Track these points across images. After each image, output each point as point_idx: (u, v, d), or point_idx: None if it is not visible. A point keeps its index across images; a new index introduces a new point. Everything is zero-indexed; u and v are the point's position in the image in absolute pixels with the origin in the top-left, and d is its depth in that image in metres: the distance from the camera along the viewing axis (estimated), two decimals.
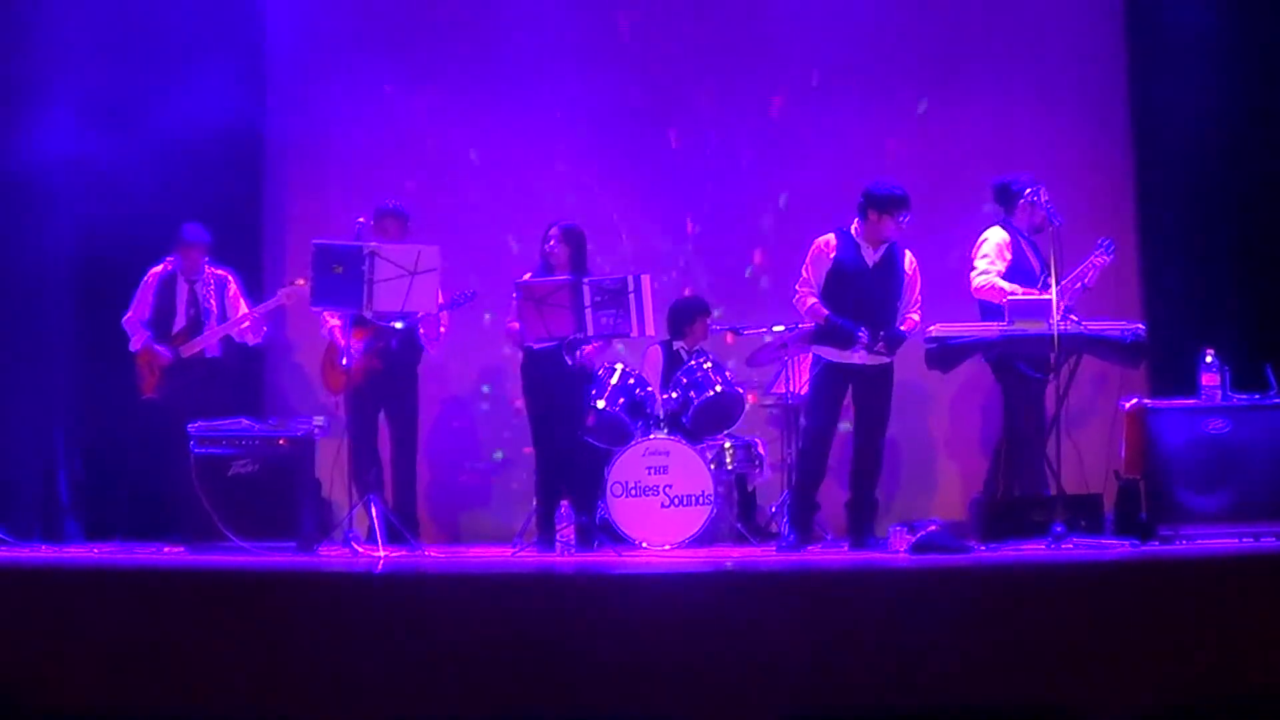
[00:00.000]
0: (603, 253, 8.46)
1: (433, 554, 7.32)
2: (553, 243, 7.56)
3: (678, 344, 8.20)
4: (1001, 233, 7.34)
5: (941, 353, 7.13)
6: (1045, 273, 7.06)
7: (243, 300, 8.02)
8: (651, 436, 7.50)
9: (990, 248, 7.29)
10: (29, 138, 8.11)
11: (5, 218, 8.23)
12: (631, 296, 7.14)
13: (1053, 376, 7.02)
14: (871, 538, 7.18)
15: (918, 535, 6.70)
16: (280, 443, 7.23)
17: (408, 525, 7.39)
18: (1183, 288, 8.36)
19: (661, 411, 7.66)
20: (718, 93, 9.07)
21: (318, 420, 7.39)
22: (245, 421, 7.32)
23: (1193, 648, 4.83)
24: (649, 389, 7.74)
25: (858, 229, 7.21)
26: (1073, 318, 6.95)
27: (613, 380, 7.69)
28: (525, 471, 8.38)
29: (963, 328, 7.13)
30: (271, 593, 5.19)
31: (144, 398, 7.90)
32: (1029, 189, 7.32)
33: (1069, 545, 6.53)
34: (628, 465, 7.37)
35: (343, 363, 7.45)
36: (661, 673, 4.75)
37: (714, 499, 7.36)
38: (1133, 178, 8.78)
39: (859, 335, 7.08)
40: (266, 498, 7.11)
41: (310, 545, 7.14)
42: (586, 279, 7.25)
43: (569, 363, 7.30)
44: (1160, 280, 8.54)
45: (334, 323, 7.75)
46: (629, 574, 5.68)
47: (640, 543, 7.28)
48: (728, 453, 7.92)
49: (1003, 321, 7.00)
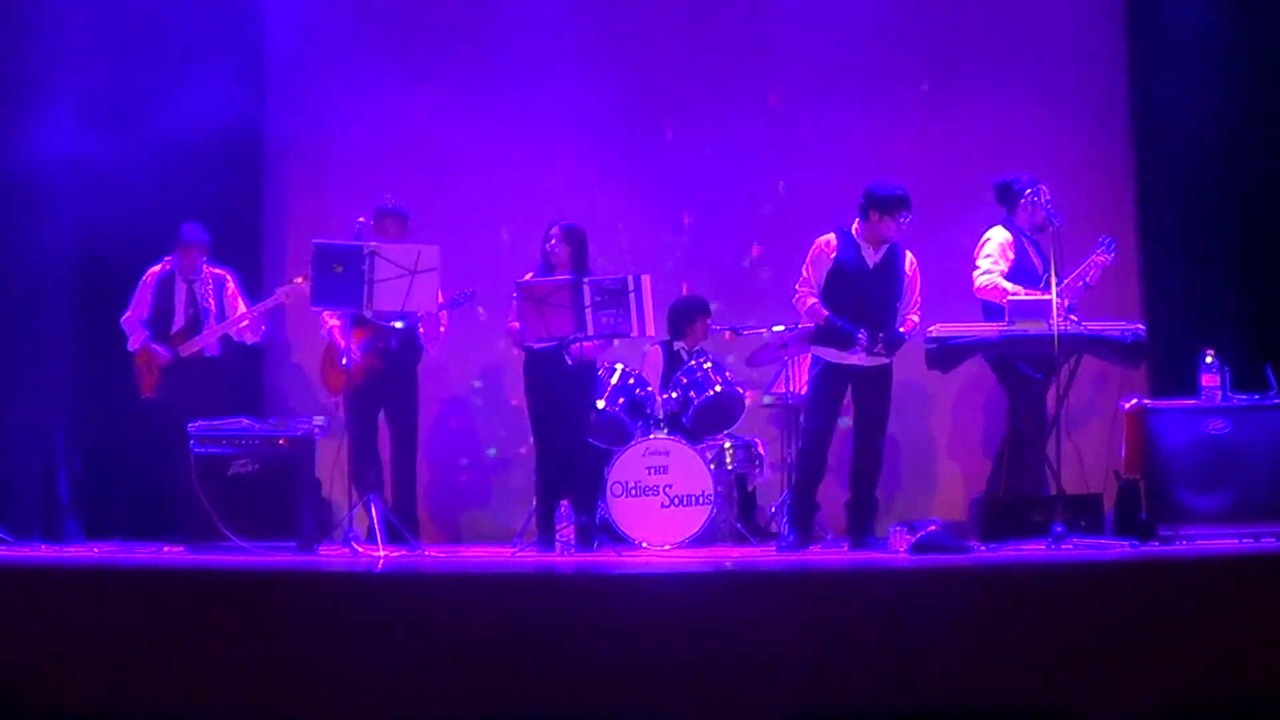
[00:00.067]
0: (601, 248, 8.44)
1: (432, 554, 7.32)
2: (554, 242, 7.55)
3: (678, 344, 8.20)
4: (1004, 232, 7.34)
5: (941, 353, 7.13)
6: (1048, 272, 7.06)
7: (241, 299, 8.02)
8: (651, 436, 7.50)
9: (993, 247, 7.29)
10: (29, 138, 8.10)
11: (5, 218, 8.23)
12: (632, 296, 7.13)
13: (1053, 377, 7.03)
14: (871, 538, 7.18)
15: (918, 535, 6.70)
16: (280, 442, 7.23)
17: (407, 525, 7.38)
18: (1183, 288, 8.36)
19: (661, 411, 7.67)
20: (716, 91, 9.06)
21: (318, 420, 7.39)
22: (245, 421, 7.32)
23: (1193, 648, 4.84)
24: (649, 389, 7.75)
25: (858, 229, 7.21)
26: (1073, 318, 6.95)
27: (613, 380, 7.70)
28: (525, 471, 8.38)
29: (963, 328, 7.14)
30: (271, 593, 5.20)
31: (143, 397, 7.90)
32: (1029, 189, 7.33)
33: (1069, 545, 6.53)
34: (628, 465, 7.37)
35: (342, 362, 7.46)
36: (661, 673, 4.75)
37: (714, 499, 7.36)
38: (1133, 178, 8.77)
39: (858, 337, 7.08)
40: (266, 497, 7.11)
41: (310, 545, 7.14)
42: (587, 279, 7.24)
43: (569, 362, 7.30)
44: (1160, 280, 8.54)
45: (334, 322, 7.74)
46: (629, 574, 5.69)
47: (640, 543, 7.28)
48: (728, 453, 7.92)
49: (1003, 322, 7.00)
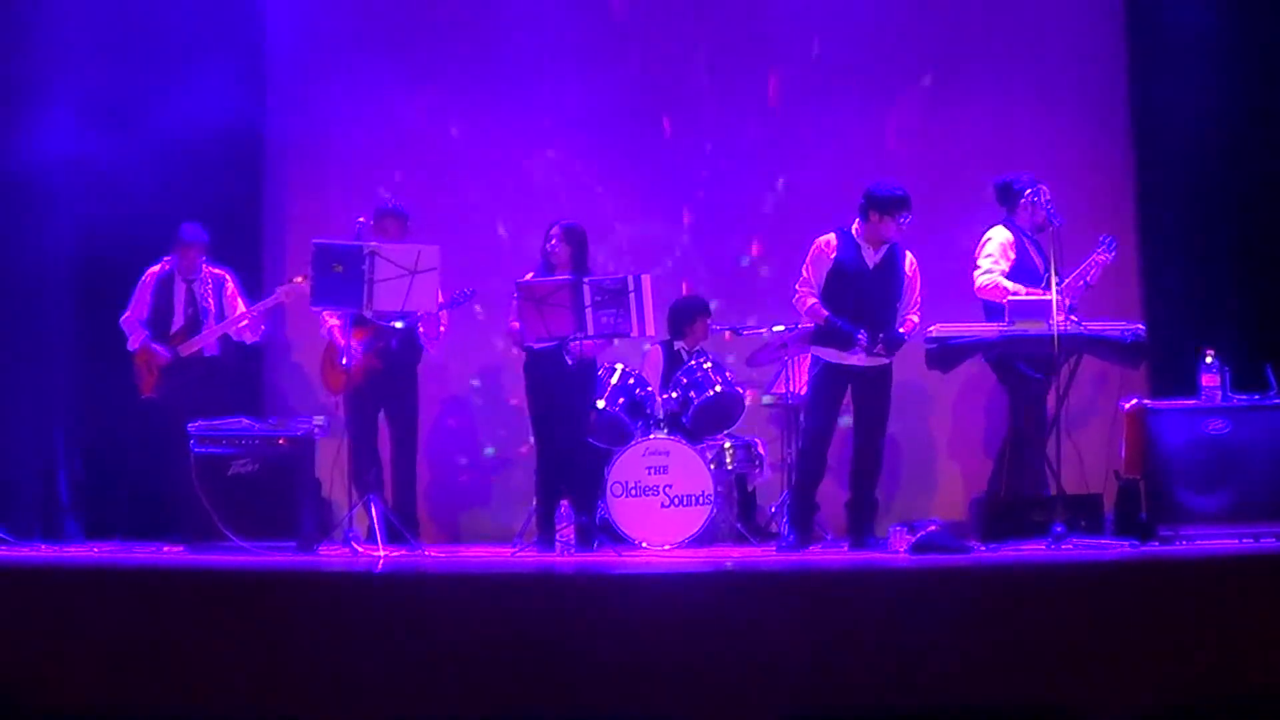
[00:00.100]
0: (600, 246, 8.44)
1: (433, 554, 7.32)
2: (554, 242, 7.55)
3: (678, 344, 8.20)
4: (1005, 232, 7.34)
5: (941, 353, 7.13)
6: (1048, 271, 7.05)
7: (240, 299, 8.02)
8: (651, 436, 7.50)
9: (994, 247, 7.29)
10: (29, 138, 8.11)
11: (5, 218, 8.23)
12: (632, 296, 7.13)
13: (1053, 377, 7.03)
14: (871, 538, 7.18)
15: (918, 535, 6.70)
16: (280, 442, 7.23)
17: (407, 525, 7.38)
18: (1183, 288, 8.35)
19: (661, 411, 7.67)
20: (716, 90, 9.06)
21: (318, 420, 7.38)
22: (245, 421, 7.32)
23: (1193, 648, 4.84)
24: (649, 389, 7.75)
25: (858, 230, 7.21)
26: (1073, 318, 6.95)
27: (613, 380, 7.70)
28: (525, 471, 8.38)
29: (963, 328, 7.13)
30: (271, 593, 5.20)
31: (142, 397, 7.90)
32: (1029, 189, 7.33)
33: (1069, 545, 6.53)
34: (628, 465, 7.37)
35: (342, 362, 7.45)
36: (661, 673, 4.75)
37: (714, 499, 7.36)
38: (1133, 177, 8.77)
39: (858, 338, 7.07)
40: (266, 497, 7.11)
41: (310, 545, 7.14)
42: (587, 279, 7.24)
43: (569, 362, 7.30)
44: (1160, 280, 8.53)
45: (333, 322, 7.74)
46: (629, 574, 5.68)
47: (640, 543, 7.28)
48: (728, 453, 7.92)
49: (1004, 322, 7.00)
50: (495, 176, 9.01)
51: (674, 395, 7.75)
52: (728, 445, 7.93)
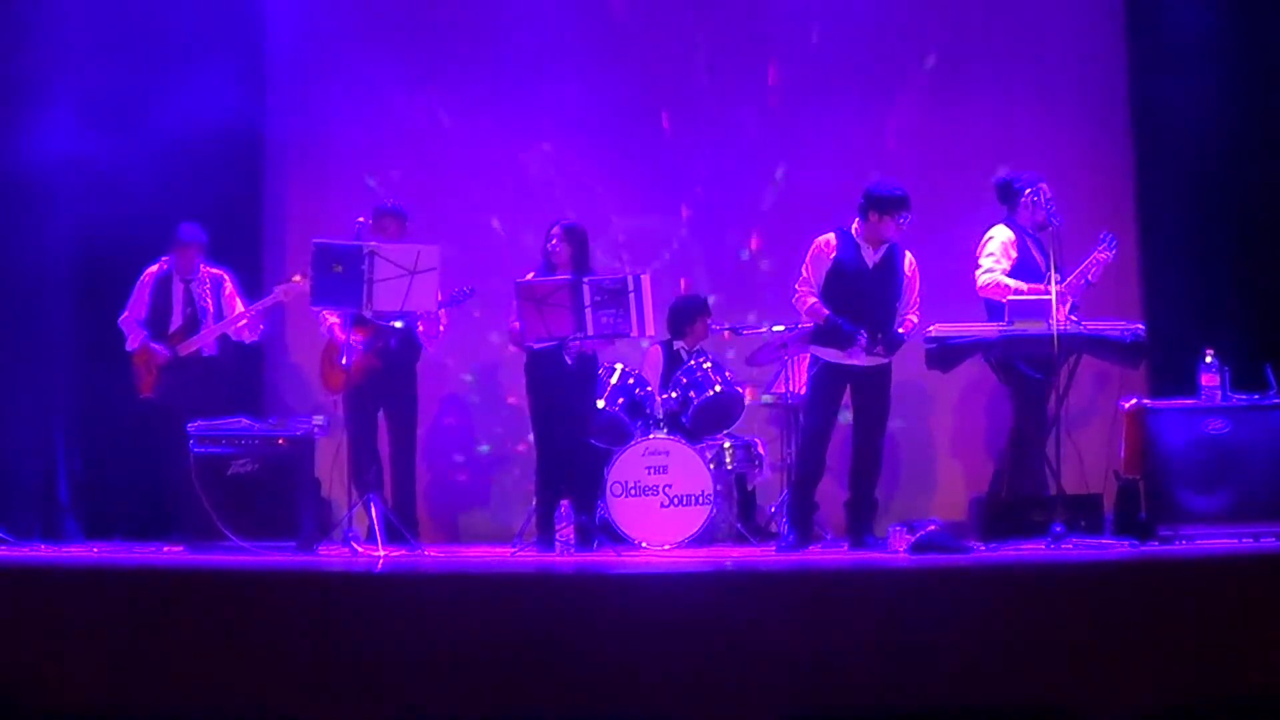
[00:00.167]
0: (599, 242, 8.42)
1: (432, 554, 7.31)
2: (555, 242, 7.55)
3: (678, 344, 8.20)
4: (1006, 231, 7.34)
5: (941, 353, 7.13)
6: (1050, 269, 7.05)
7: (239, 299, 8.01)
8: (651, 436, 7.50)
9: (995, 246, 7.29)
10: (29, 137, 8.10)
11: (5, 218, 8.23)
12: (631, 296, 7.13)
13: (1053, 377, 7.02)
14: (871, 537, 7.18)
15: (917, 535, 6.70)
16: (280, 442, 7.22)
17: (407, 525, 7.38)
18: (1183, 288, 8.35)
19: (661, 411, 7.67)
20: (716, 90, 9.06)
21: (317, 419, 7.38)
22: (245, 421, 7.31)
23: (1193, 648, 4.83)
24: (649, 389, 7.75)
25: (858, 229, 7.21)
26: (1072, 318, 6.95)
27: (613, 380, 7.70)
28: (524, 471, 8.37)
29: (962, 328, 7.13)
30: (271, 593, 5.19)
31: (141, 397, 7.89)
32: (1029, 188, 7.33)
33: (1069, 545, 6.52)
34: (627, 465, 7.37)
35: (342, 361, 7.45)
36: (661, 673, 4.75)
37: (713, 499, 7.36)
38: (1133, 178, 8.77)
39: (859, 338, 7.07)
40: (266, 497, 7.10)
41: (310, 545, 7.13)
42: (586, 278, 7.24)
43: (569, 363, 7.30)
44: (1160, 280, 8.53)
45: (333, 320, 7.73)
46: (629, 574, 5.68)
47: (640, 542, 7.28)
48: (727, 452, 7.92)
49: (1003, 321, 7.00)
50: (495, 175, 9.01)
51: (674, 395, 7.75)
52: (727, 445, 7.93)
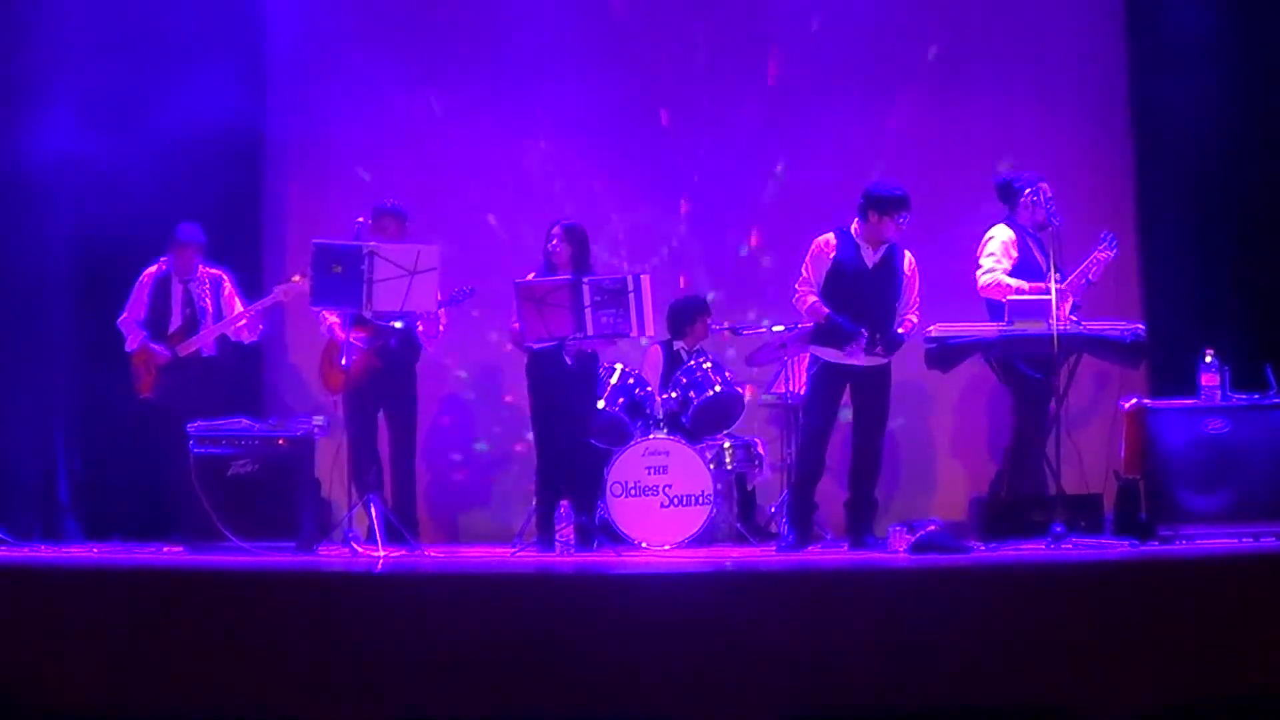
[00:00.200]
0: (598, 239, 8.41)
1: (432, 554, 7.31)
2: (555, 242, 7.55)
3: (678, 344, 8.20)
4: (1007, 230, 7.33)
5: (941, 353, 7.13)
6: (1051, 268, 7.06)
7: (238, 299, 8.01)
8: (651, 436, 7.50)
9: (996, 246, 7.29)
10: (29, 137, 8.11)
11: (5, 217, 8.23)
12: (631, 296, 7.13)
13: (1053, 377, 7.02)
14: (871, 537, 7.18)
15: (917, 535, 6.70)
16: (280, 442, 7.23)
17: (407, 525, 7.38)
18: (1183, 288, 8.35)
19: (661, 411, 7.67)
20: (716, 89, 9.06)
21: (317, 420, 7.38)
22: (245, 421, 7.32)
23: (1193, 648, 4.83)
24: (649, 389, 7.75)
25: (857, 229, 7.21)
26: (1072, 318, 6.95)
27: (613, 380, 7.70)
28: (524, 471, 8.37)
29: (962, 328, 7.13)
30: (271, 593, 5.19)
31: (141, 398, 7.89)
32: (1029, 188, 7.33)
33: (1069, 545, 6.52)
34: (627, 465, 7.37)
35: (342, 362, 7.45)
36: (661, 673, 4.75)
37: (713, 499, 7.36)
38: (1133, 178, 8.77)
39: (860, 336, 7.06)
40: (266, 498, 7.11)
41: (310, 545, 7.13)
42: (586, 278, 7.24)
43: (569, 362, 7.29)
44: (1160, 280, 8.53)
45: (333, 319, 7.73)
46: (629, 574, 5.68)
47: (640, 543, 7.28)
48: (727, 452, 7.92)
49: (1003, 321, 7.00)
50: (494, 175, 9.01)
51: (673, 395, 7.75)
52: (727, 445, 7.93)
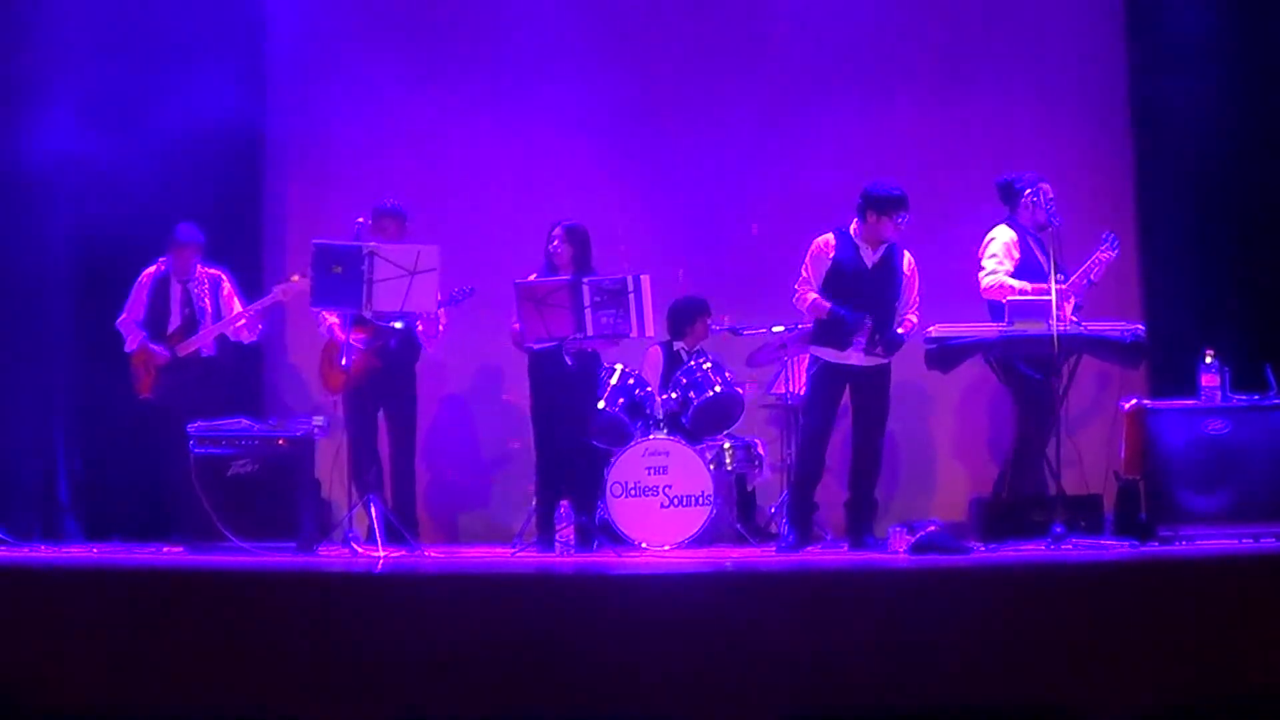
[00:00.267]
0: (598, 239, 8.38)
1: (432, 554, 7.31)
2: (556, 242, 7.55)
3: (678, 344, 8.20)
4: (1008, 231, 7.33)
5: (940, 353, 7.13)
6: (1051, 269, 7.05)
7: (237, 299, 8.01)
8: (651, 437, 7.50)
9: (998, 247, 7.29)
10: (29, 137, 8.10)
11: (5, 218, 8.23)
12: (631, 297, 7.14)
13: (1053, 377, 7.02)
14: (871, 538, 7.17)
15: (917, 535, 6.70)
16: (280, 443, 7.23)
17: (407, 525, 7.38)
18: (1183, 288, 8.35)
19: (661, 412, 7.66)
20: (716, 90, 9.04)
21: (317, 420, 7.38)
22: (245, 421, 7.32)
23: (1193, 648, 4.84)
24: (649, 389, 7.74)
25: (856, 229, 7.21)
26: (1073, 318, 6.95)
27: (613, 380, 7.69)
28: (524, 471, 8.37)
29: (962, 328, 7.13)
30: (271, 593, 5.19)
31: (141, 398, 7.89)
32: (1030, 188, 7.33)
33: (1069, 545, 6.53)
34: (627, 466, 7.37)
35: (342, 362, 7.45)
36: (661, 673, 4.75)
37: (713, 499, 7.36)
38: (1132, 178, 8.77)
39: (865, 322, 7.05)
40: (266, 498, 7.11)
41: (310, 545, 7.14)
42: (586, 279, 7.24)
43: (568, 363, 7.29)
44: (1160, 280, 8.53)
45: (332, 319, 7.73)
46: (629, 574, 5.68)
47: (640, 543, 7.28)
48: (727, 453, 7.92)
49: (1003, 322, 7.00)
50: (494, 175, 9.01)
51: (673, 395, 7.74)
52: (727, 445, 7.93)
